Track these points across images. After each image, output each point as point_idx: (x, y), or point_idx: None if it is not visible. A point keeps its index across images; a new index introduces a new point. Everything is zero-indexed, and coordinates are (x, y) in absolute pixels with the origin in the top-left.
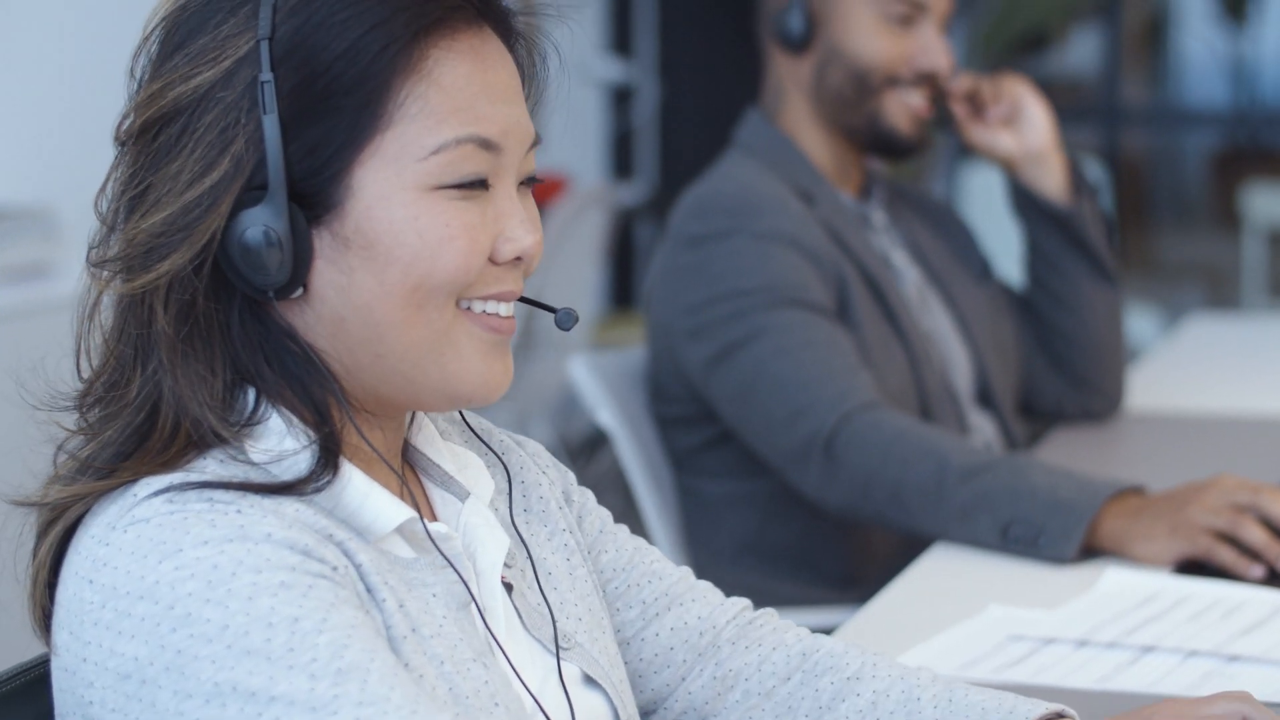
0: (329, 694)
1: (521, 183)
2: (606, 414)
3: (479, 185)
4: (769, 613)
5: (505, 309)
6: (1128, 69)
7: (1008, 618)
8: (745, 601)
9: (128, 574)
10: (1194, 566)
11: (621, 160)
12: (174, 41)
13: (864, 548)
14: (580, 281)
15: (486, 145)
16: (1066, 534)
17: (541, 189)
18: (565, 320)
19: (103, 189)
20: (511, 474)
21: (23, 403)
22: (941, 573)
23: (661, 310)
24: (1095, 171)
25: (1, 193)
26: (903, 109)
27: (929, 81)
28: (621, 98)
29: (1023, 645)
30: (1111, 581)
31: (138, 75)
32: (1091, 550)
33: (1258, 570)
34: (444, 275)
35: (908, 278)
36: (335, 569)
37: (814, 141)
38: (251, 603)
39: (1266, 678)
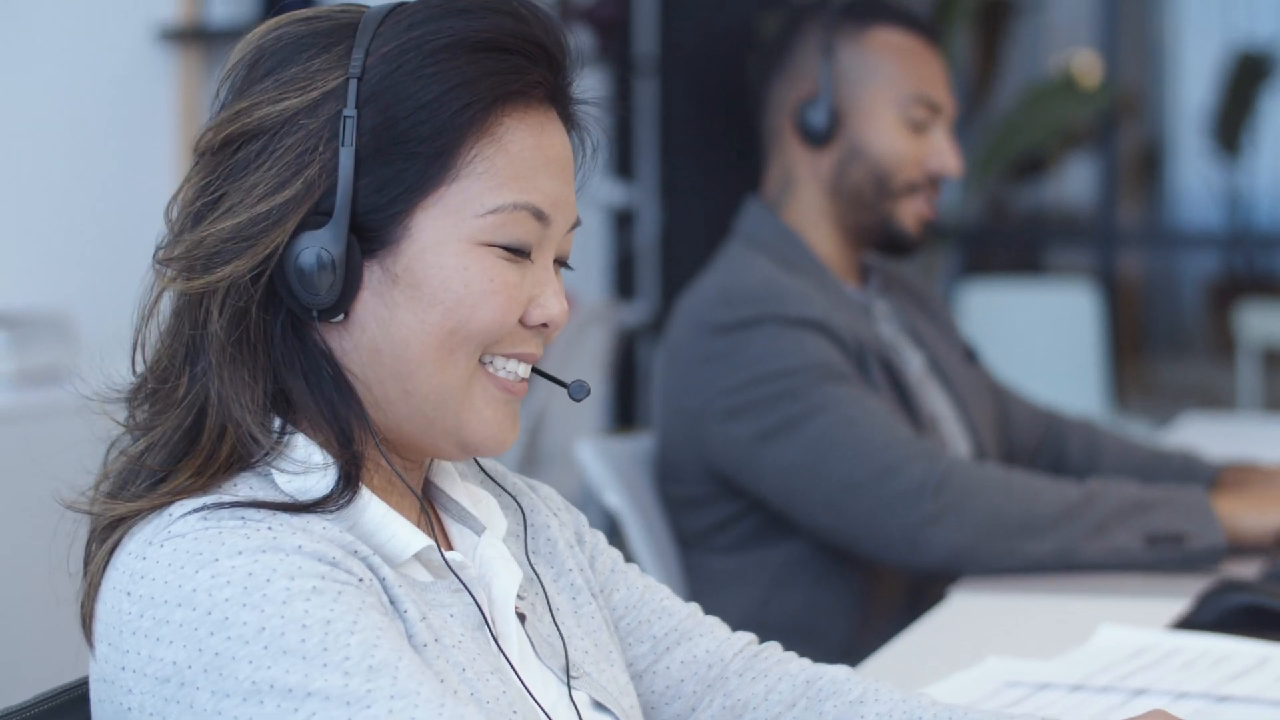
0: (362, 689)
1: (555, 260)
2: (614, 495)
3: (524, 252)
4: (774, 645)
5: (523, 370)
6: (1124, 195)
7: (1004, 667)
8: (751, 636)
9: (165, 584)
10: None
11: (624, 281)
12: (265, 67)
13: (867, 617)
14: (587, 397)
15: (538, 215)
16: (1209, 527)
17: None
18: (578, 392)
19: (176, 195)
20: (526, 514)
21: (39, 500)
22: (942, 630)
23: (685, 397)
24: (1091, 296)
25: (21, 299)
26: (913, 212)
27: (935, 183)
28: (623, 221)
29: (1018, 690)
30: (1106, 636)
31: (223, 95)
32: None
33: None
34: (480, 325)
35: (912, 362)
36: (361, 580)
37: (819, 234)
38: (286, 606)
39: (1257, 716)
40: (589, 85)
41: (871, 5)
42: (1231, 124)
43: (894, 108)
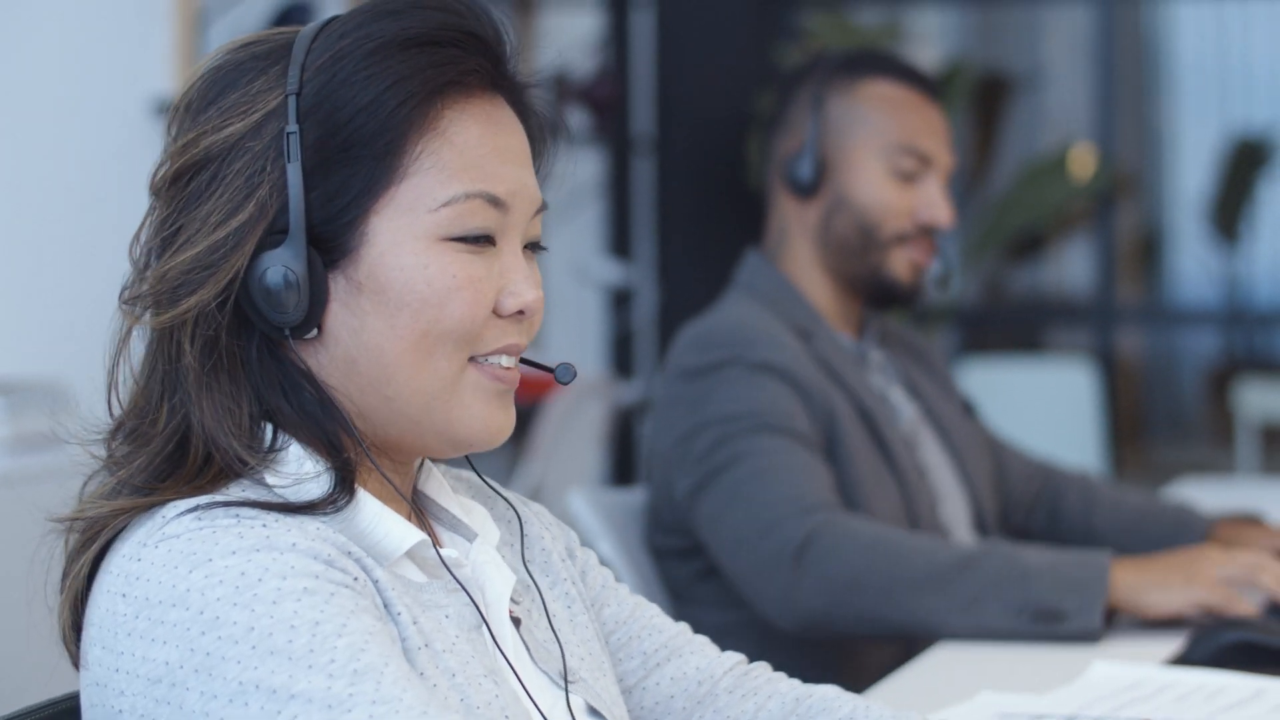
0: (345, 692)
1: (526, 246)
2: (606, 546)
3: (486, 241)
4: (763, 665)
5: (509, 361)
6: (1122, 278)
7: (998, 700)
8: (741, 655)
9: (159, 584)
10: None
11: (622, 360)
12: (209, 97)
13: (858, 670)
14: (583, 467)
15: (494, 202)
16: (1090, 606)
17: (538, 384)
18: (564, 375)
19: (137, 234)
20: (523, 521)
21: (32, 569)
22: (932, 671)
23: (659, 441)
24: (1089, 374)
25: (18, 367)
26: (905, 261)
27: (929, 233)
28: (621, 300)
29: None
30: (1098, 672)
31: (173, 131)
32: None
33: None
34: (450, 323)
35: (904, 413)
36: (355, 579)
37: (814, 284)
38: (276, 606)
39: None
40: (532, 72)
41: (867, 58)
42: (1230, 210)
43: (880, 158)
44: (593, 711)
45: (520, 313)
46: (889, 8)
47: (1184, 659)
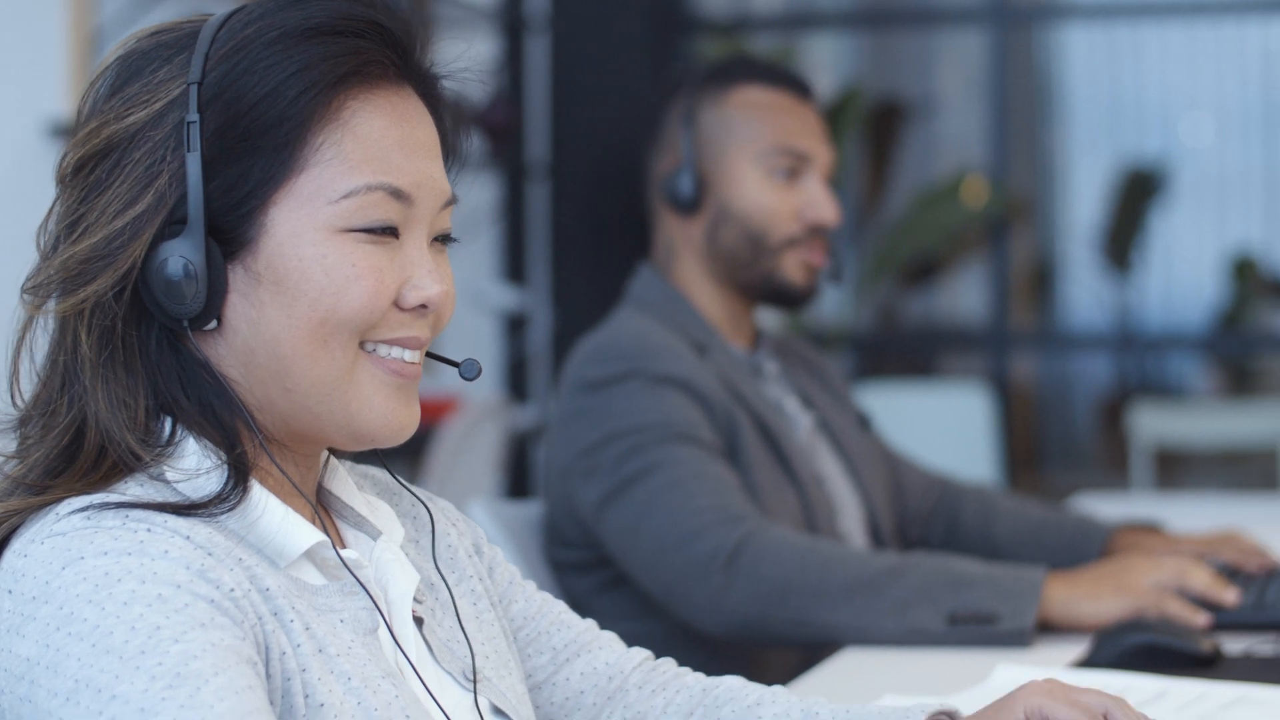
0: (159, 696)
1: (436, 238)
2: (506, 557)
3: (389, 232)
4: (669, 660)
5: (410, 355)
6: (1015, 306)
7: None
8: (648, 652)
9: (34, 580)
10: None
11: (517, 384)
12: (114, 85)
13: (761, 677)
14: (478, 490)
15: (397, 195)
16: (1022, 612)
17: (434, 407)
18: (469, 370)
19: (44, 223)
20: (433, 517)
21: None
22: (835, 676)
23: (558, 455)
24: (984, 399)
25: None
26: (797, 263)
27: (819, 233)
28: (516, 325)
29: None
30: (1003, 675)
31: (80, 119)
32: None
33: (1204, 618)
34: (348, 312)
35: (800, 424)
36: (232, 591)
37: (706, 296)
38: (126, 608)
39: None
40: (447, 63)
41: (734, 67)
42: (1121, 239)
43: (758, 164)
44: (497, 711)
45: (423, 306)
46: (784, 34)
47: (1088, 662)
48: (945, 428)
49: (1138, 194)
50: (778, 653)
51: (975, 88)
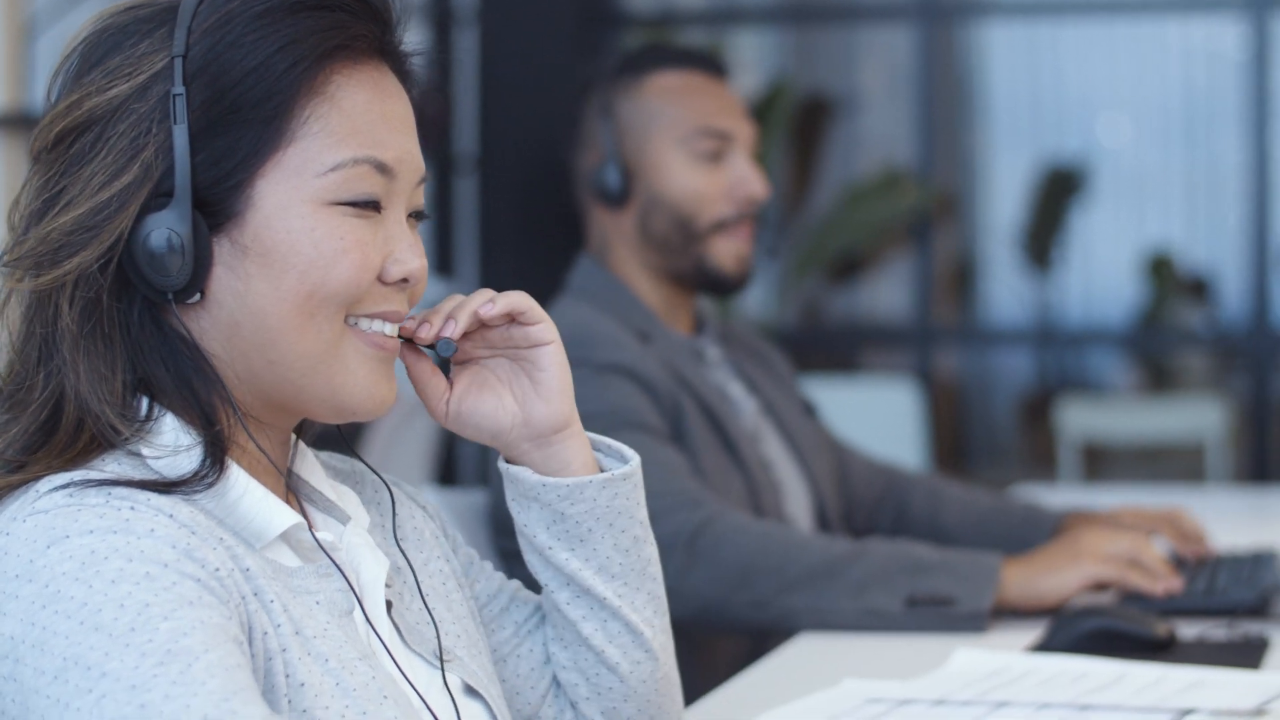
0: (150, 673)
1: (409, 215)
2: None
3: (372, 206)
4: None
5: (390, 329)
6: (938, 303)
7: (864, 687)
8: None
9: (17, 558)
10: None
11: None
12: (92, 59)
13: (709, 664)
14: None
15: (381, 168)
16: (979, 595)
17: None
18: (445, 349)
19: (16, 200)
20: (395, 498)
21: None
22: (791, 663)
23: None
24: (910, 394)
25: None
26: (726, 252)
27: (749, 214)
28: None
29: (880, 706)
30: (961, 659)
31: (55, 94)
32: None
33: (1163, 586)
34: (336, 285)
35: (745, 408)
36: (217, 570)
37: (644, 285)
38: (114, 586)
39: None
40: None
41: (645, 54)
42: (1042, 237)
43: (680, 148)
44: (469, 690)
45: (404, 280)
46: (711, 29)
47: (1044, 646)
48: (872, 423)
49: (1058, 192)
50: (729, 639)
51: (900, 84)
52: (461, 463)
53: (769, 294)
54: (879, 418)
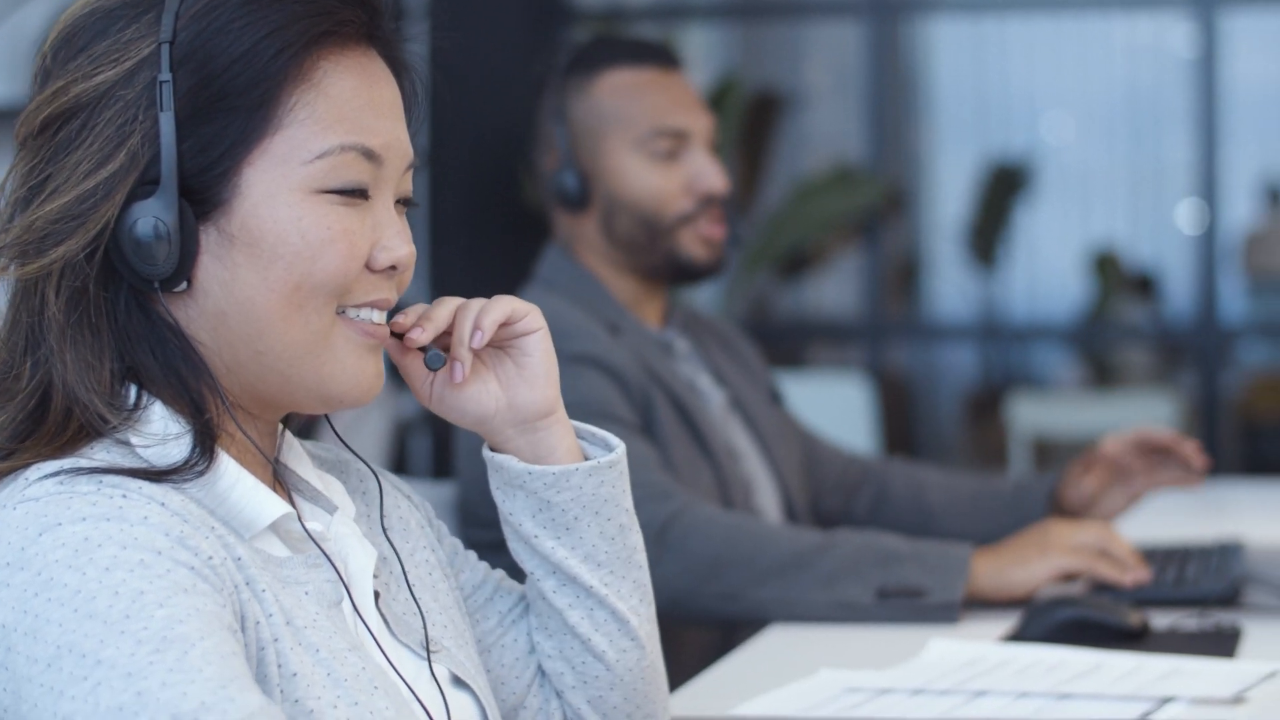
0: (146, 660)
1: (397, 201)
2: None
3: (360, 194)
4: None
5: (378, 317)
6: (887, 299)
7: (841, 676)
8: None
9: (9, 545)
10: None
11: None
12: (77, 45)
13: (679, 656)
14: None
15: (369, 155)
16: (950, 586)
17: None
18: (434, 361)
19: (1, 186)
20: (382, 486)
21: None
22: (765, 653)
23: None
24: (864, 389)
25: None
26: (696, 239)
27: (713, 204)
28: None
29: (859, 695)
30: (936, 649)
31: (39, 80)
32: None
33: (1132, 576)
34: (324, 275)
35: (713, 400)
36: (210, 558)
37: (613, 278)
38: (108, 573)
39: (1100, 709)
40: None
41: (595, 50)
42: (987, 234)
43: (637, 149)
44: (456, 680)
45: (393, 268)
46: (661, 24)
47: (1018, 636)
48: (822, 417)
49: (1003, 189)
50: (698, 631)
51: (848, 81)
52: (414, 458)
53: (718, 289)
54: (829, 412)
